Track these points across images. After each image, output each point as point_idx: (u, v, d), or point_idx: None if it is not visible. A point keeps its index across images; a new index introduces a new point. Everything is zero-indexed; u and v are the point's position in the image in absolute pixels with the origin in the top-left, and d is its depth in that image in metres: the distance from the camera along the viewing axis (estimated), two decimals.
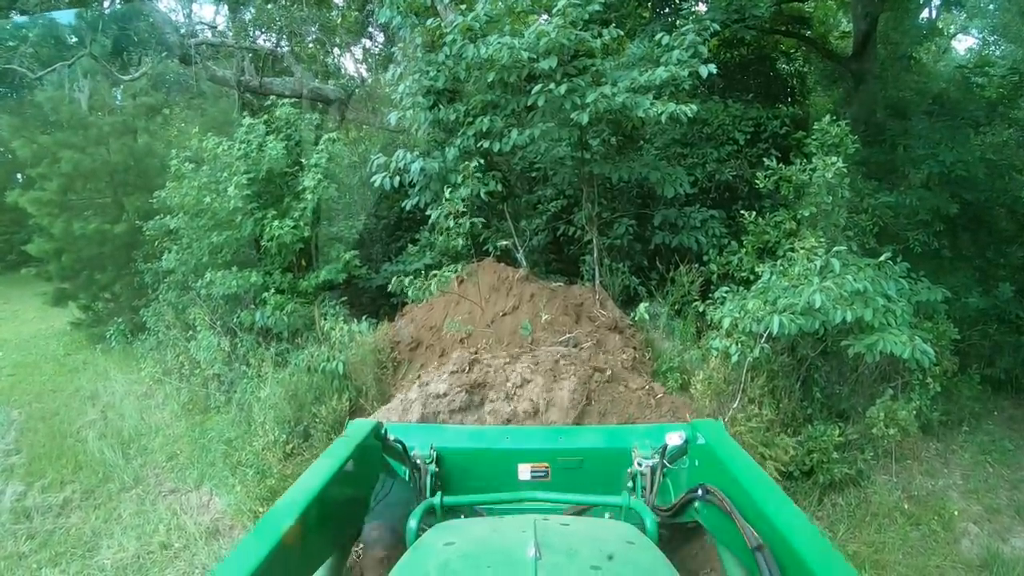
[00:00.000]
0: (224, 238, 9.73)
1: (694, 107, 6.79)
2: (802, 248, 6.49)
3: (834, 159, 7.15)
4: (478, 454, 3.65)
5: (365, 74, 15.00)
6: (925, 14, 15.94)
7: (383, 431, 2.96)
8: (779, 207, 8.33)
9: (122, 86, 14.03)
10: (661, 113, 6.73)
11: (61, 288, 14.17)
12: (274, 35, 14.89)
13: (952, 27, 17.43)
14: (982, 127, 11.94)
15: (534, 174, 9.82)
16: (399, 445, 3.08)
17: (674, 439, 2.88)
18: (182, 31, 12.89)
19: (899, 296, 7.18)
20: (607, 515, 3.08)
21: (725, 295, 6.95)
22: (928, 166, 10.64)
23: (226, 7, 15.21)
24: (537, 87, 6.83)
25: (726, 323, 6.27)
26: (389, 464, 3.09)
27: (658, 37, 7.34)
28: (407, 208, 8.68)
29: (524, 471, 3.57)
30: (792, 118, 10.38)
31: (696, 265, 8.16)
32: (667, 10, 12.16)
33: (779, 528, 1.92)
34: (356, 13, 16.36)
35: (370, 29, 16.76)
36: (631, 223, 8.61)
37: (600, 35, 7.17)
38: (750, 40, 11.63)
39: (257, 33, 14.47)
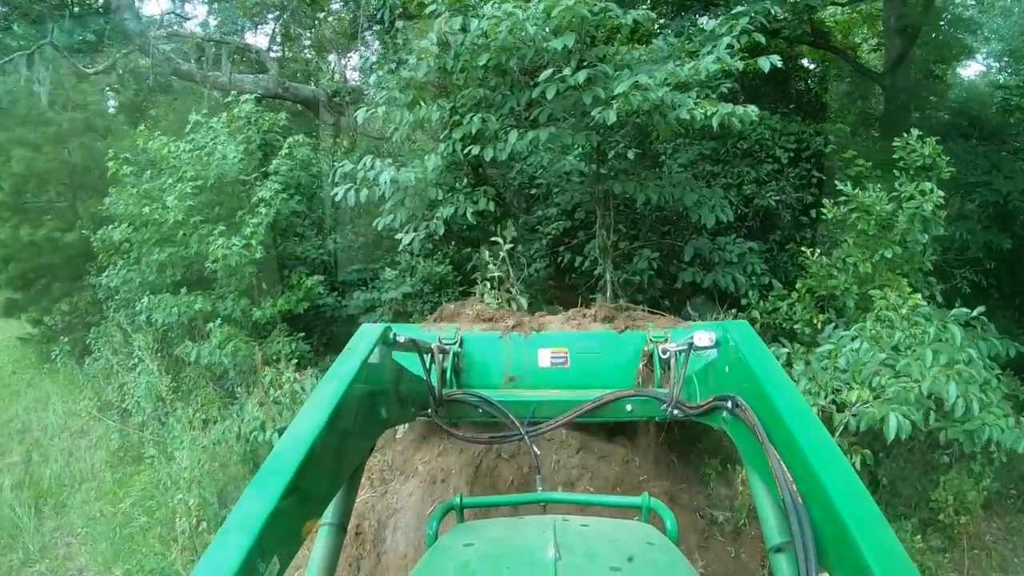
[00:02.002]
0: (167, 255, 7.61)
1: (755, 109, 4.72)
2: (904, 307, 4.41)
3: (929, 185, 5.11)
4: (499, 340, 3.66)
5: (352, 76, 12.79)
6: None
7: (392, 334, 2.60)
8: (836, 240, 6.33)
9: (87, 80, 11.84)
10: (711, 115, 4.64)
11: (12, 299, 12.02)
12: (252, 29, 12.75)
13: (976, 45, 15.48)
14: (1021, 152, 10.28)
15: (534, 191, 7.70)
16: (412, 343, 2.76)
17: (703, 339, 2.51)
18: (143, 19, 10.73)
19: (991, 361, 5.26)
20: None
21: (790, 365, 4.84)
22: (980, 195, 8.72)
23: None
24: (546, 73, 4.71)
25: None
26: (401, 367, 2.72)
27: (702, 21, 5.25)
28: (380, 228, 6.55)
29: (544, 357, 3.56)
30: (839, 135, 8.32)
31: (734, 311, 6.05)
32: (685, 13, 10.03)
33: (810, 462, 1.61)
34: (350, 16, 14.21)
35: (366, 35, 14.62)
36: (653, 256, 6.49)
37: (627, 12, 5.03)
38: (775, 48, 9.54)
39: (235, 27, 12.30)
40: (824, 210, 5.46)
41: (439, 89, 6.02)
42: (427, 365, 3.00)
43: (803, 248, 5.58)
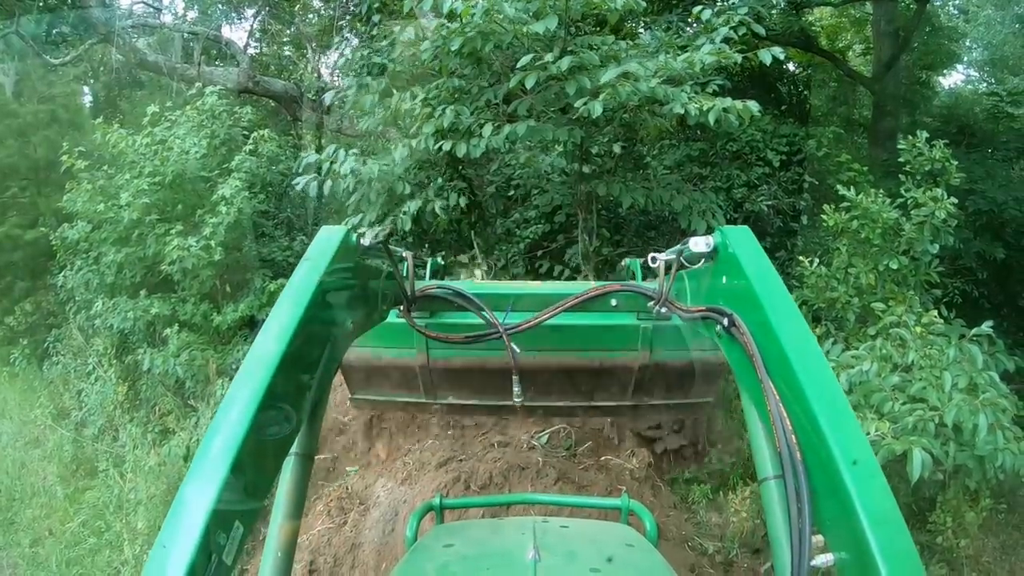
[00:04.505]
0: (124, 256, 6.99)
1: (755, 104, 4.22)
2: (919, 326, 3.92)
3: (940, 191, 4.63)
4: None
5: (326, 72, 12.11)
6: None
7: (355, 239, 2.15)
8: (828, 248, 5.85)
9: (54, 71, 11.12)
10: (707, 111, 4.12)
11: None
12: (229, 24, 12.08)
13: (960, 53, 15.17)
14: (1013, 160, 10.02)
15: (512, 193, 7.13)
16: (381, 246, 2.36)
17: (699, 245, 2.16)
18: (113, 8, 10.05)
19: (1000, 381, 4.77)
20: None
21: None
22: (973, 203, 8.30)
23: None
24: (527, 58, 4.15)
25: None
26: (369, 266, 2.35)
27: (698, 10, 4.71)
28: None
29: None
30: (836, 137, 7.83)
31: None
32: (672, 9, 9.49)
33: (811, 405, 1.44)
34: (329, 14, 13.56)
35: (343, 30, 13.99)
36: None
37: None
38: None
39: (212, 20, 11.64)
40: (824, 216, 4.97)
41: (414, 79, 5.46)
42: (398, 266, 2.72)
43: (800, 257, 5.07)
